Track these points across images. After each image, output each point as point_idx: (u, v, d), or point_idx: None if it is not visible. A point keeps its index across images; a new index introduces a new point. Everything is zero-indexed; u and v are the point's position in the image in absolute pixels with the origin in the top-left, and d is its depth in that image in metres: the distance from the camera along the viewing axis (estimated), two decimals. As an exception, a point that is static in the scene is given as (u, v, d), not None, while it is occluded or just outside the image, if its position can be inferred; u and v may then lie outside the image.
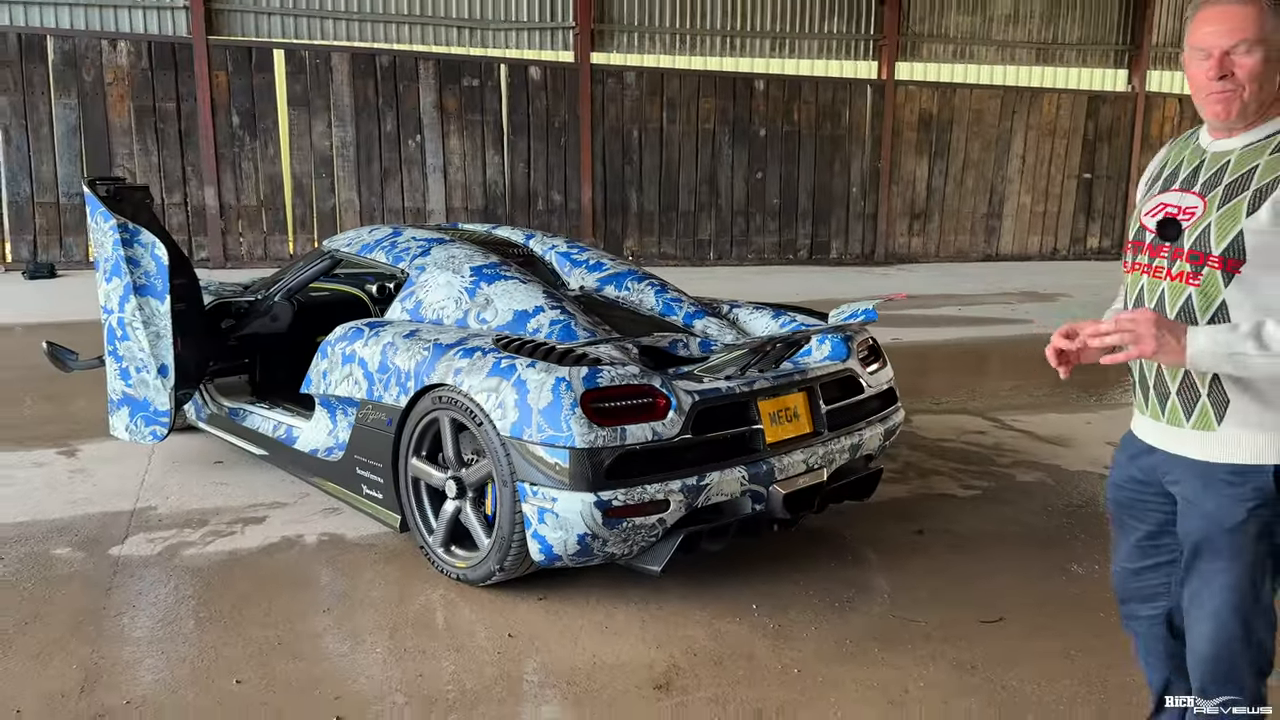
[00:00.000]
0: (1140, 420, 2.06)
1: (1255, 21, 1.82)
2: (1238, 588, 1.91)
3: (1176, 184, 1.97)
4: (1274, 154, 1.84)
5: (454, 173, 12.74)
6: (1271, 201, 1.80)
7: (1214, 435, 1.88)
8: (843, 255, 14.90)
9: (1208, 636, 1.95)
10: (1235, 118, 1.88)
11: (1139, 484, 2.07)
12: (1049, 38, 15.23)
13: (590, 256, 4.56)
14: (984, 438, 5.49)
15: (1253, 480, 1.86)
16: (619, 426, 3.09)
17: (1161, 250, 1.93)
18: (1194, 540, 1.94)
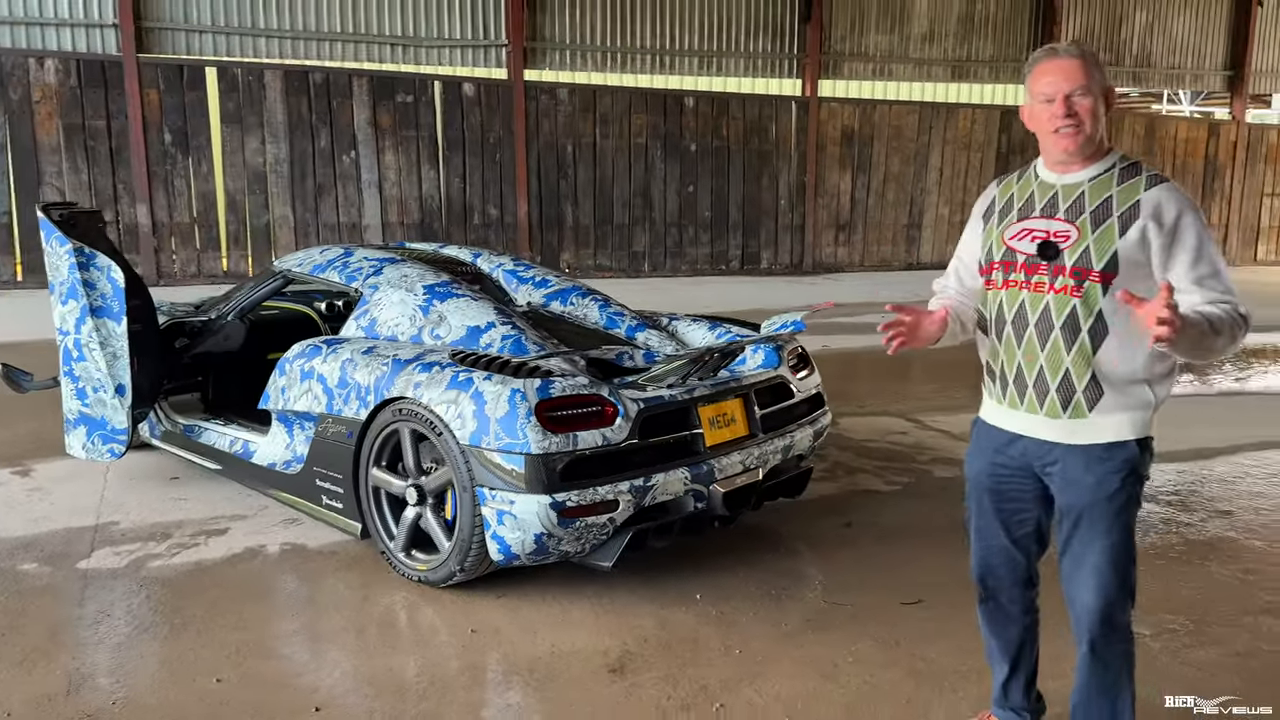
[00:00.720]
0: (1007, 415, 2.38)
1: (1084, 72, 2.22)
2: (1116, 545, 2.27)
3: (1036, 212, 2.30)
4: (1120, 185, 2.23)
5: (389, 188, 12.84)
6: (1137, 226, 2.18)
7: (1086, 422, 2.25)
8: (773, 265, 15.33)
9: (1094, 589, 2.29)
10: (1078, 150, 2.24)
11: (1009, 469, 2.40)
12: (963, 55, 15.90)
13: (536, 274, 4.80)
14: (905, 438, 5.86)
15: (1122, 454, 2.25)
16: (571, 433, 3.34)
17: (1040, 268, 2.26)
18: (1077, 511, 2.28)
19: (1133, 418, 2.25)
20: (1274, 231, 18.95)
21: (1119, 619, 2.31)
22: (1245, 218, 18.55)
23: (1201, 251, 2.18)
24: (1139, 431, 2.25)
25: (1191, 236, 2.18)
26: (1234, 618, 3.47)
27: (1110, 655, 2.33)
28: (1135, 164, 2.27)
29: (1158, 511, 4.57)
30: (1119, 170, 2.25)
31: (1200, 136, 18.06)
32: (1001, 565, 2.50)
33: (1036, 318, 2.27)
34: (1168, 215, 2.18)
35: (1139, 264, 2.19)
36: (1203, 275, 2.18)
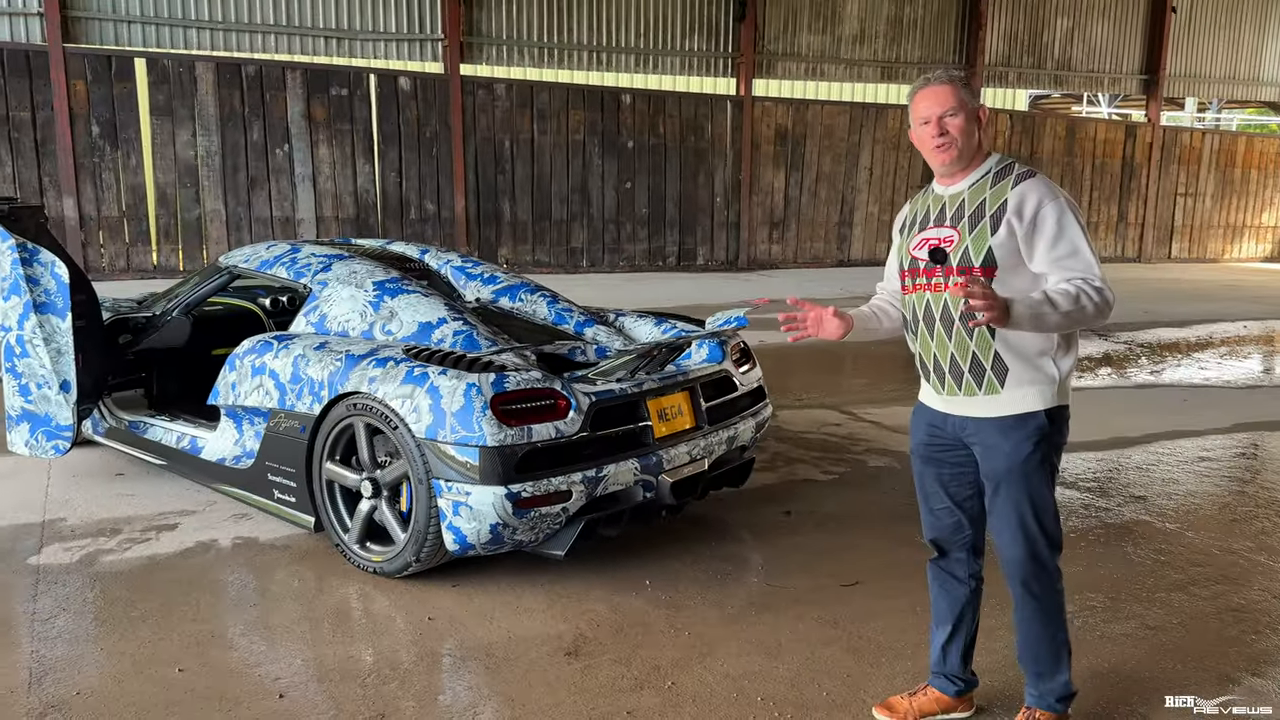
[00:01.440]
0: (935, 397, 2.69)
1: (955, 96, 2.53)
2: (1035, 500, 2.56)
3: (930, 224, 2.62)
4: (993, 188, 2.52)
5: (324, 181, 12.72)
6: (1005, 222, 2.47)
7: (1000, 397, 2.54)
8: (709, 262, 15.55)
9: (1019, 542, 2.59)
10: (953, 162, 2.56)
11: (941, 443, 2.71)
12: (893, 57, 16.31)
13: (484, 270, 4.88)
14: (840, 429, 6.08)
15: (1032, 422, 2.53)
16: (525, 426, 3.44)
17: (935, 272, 2.57)
18: (998, 475, 2.58)
19: (1040, 390, 2.53)
20: (1188, 230, 19.78)
21: (1046, 561, 2.61)
22: (1160, 216, 19.33)
23: (1060, 234, 2.44)
24: (1047, 402, 2.53)
25: (1050, 222, 2.44)
26: (1147, 595, 3.72)
27: (1044, 591, 2.62)
28: (1008, 165, 2.56)
29: (1078, 497, 4.84)
30: (993, 174, 2.54)
31: (1118, 138, 18.77)
32: (948, 527, 2.78)
33: (940, 314, 2.58)
34: (1028, 207, 2.45)
35: (1013, 254, 2.47)
36: (1060, 255, 2.44)
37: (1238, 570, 3.98)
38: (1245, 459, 5.66)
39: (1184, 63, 18.99)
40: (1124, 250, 19.10)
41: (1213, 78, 19.54)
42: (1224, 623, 3.50)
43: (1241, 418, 6.60)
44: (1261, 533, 4.42)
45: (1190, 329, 10.56)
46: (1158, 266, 18.72)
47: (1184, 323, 10.96)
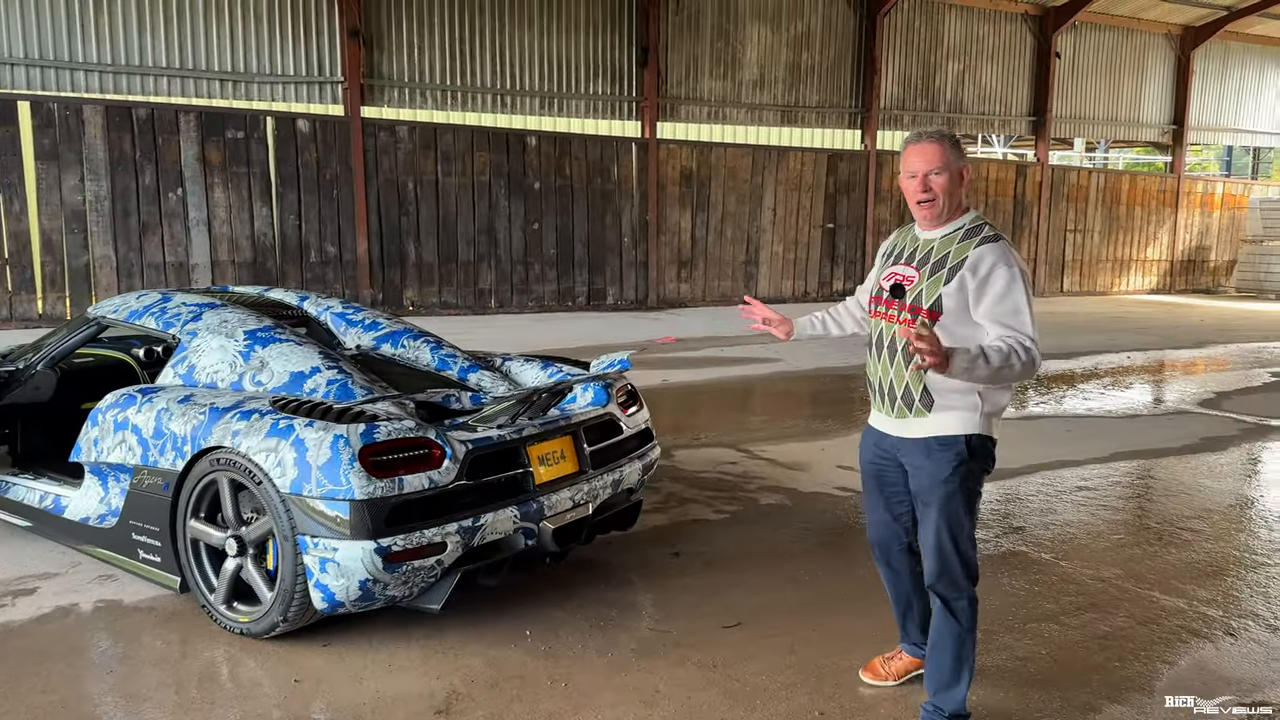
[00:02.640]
0: (880, 419, 2.99)
1: (941, 155, 2.78)
2: (952, 519, 2.82)
3: (903, 260, 2.92)
4: (958, 244, 2.80)
5: (219, 226, 12.43)
6: (959, 276, 2.74)
7: (926, 420, 2.82)
8: (619, 301, 15.61)
9: (935, 555, 2.85)
10: (934, 218, 2.83)
11: (883, 459, 3.00)
12: (792, 101, 16.73)
13: (366, 316, 4.80)
14: (735, 467, 6.11)
15: (954, 446, 2.80)
16: (396, 477, 3.37)
17: (894, 304, 2.87)
18: (923, 493, 2.86)
19: (961, 418, 2.79)
20: (1078, 265, 20.62)
21: (958, 580, 2.85)
22: (1051, 252, 20.12)
23: (1006, 295, 2.69)
24: (967, 429, 2.79)
25: (999, 283, 2.70)
26: (1019, 626, 3.80)
27: (955, 608, 2.87)
28: (980, 226, 2.82)
29: (959, 529, 4.94)
30: (964, 231, 2.82)
31: (1009, 177, 19.53)
32: (888, 536, 3.10)
33: (888, 341, 2.90)
34: (983, 267, 2.72)
35: (961, 305, 2.74)
36: (1002, 314, 2.69)
37: (1106, 598, 4.10)
38: (1120, 487, 5.86)
39: (1069, 105, 19.90)
40: (1019, 285, 19.79)
41: (1097, 119, 20.51)
42: (1090, 650, 3.59)
43: (1120, 447, 6.84)
44: (1131, 560, 4.57)
45: (1077, 360, 10.97)
46: (1051, 300, 19.44)
47: (1072, 354, 11.37)
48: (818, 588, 4.17)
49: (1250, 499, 5.68)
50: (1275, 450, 6.88)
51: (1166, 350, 12.12)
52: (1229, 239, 22.87)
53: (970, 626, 2.88)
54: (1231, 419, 7.89)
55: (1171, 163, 22.21)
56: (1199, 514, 5.32)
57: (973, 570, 2.87)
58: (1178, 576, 4.36)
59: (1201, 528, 5.08)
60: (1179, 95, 21.28)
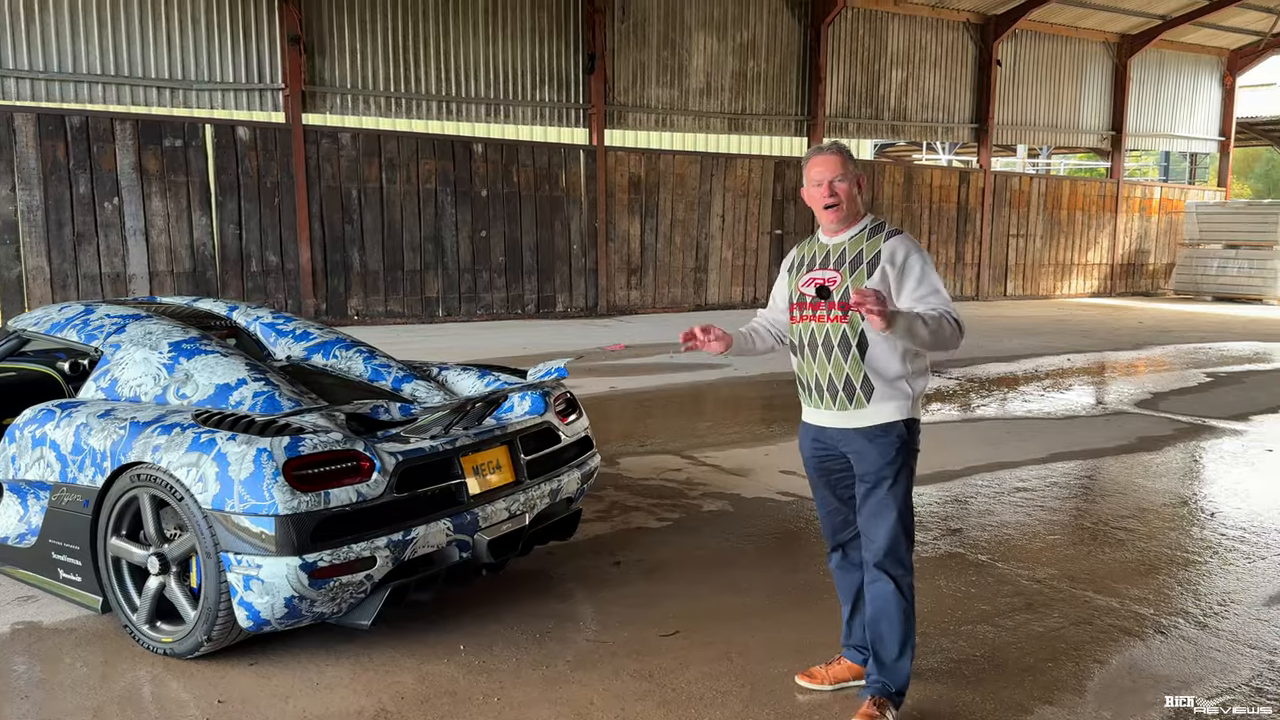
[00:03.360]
0: (816, 414, 3.16)
1: (841, 164, 3.08)
2: (898, 497, 3.04)
3: (817, 266, 3.14)
4: (868, 241, 3.08)
5: (157, 235, 12.18)
6: (879, 269, 3.01)
7: (866, 410, 3.04)
8: (568, 309, 15.56)
9: (885, 534, 3.04)
10: (840, 220, 3.10)
11: (824, 451, 3.18)
12: (739, 109, 16.82)
13: (296, 326, 4.71)
14: (679, 474, 6.09)
15: (894, 431, 3.04)
16: (322, 491, 3.29)
17: (820, 305, 3.09)
18: (869, 478, 3.05)
19: (898, 405, 3.04)
20: (1020, 269, 20.97)
21: (903, 554, 3.07)
22: (994, 256, 20.44)
23: (922, 278, 3.01)
24: (904, 414, 3.04)
25: (915, 269, 3.01)
26: (955, 628, 3.82)
27: (899, 579, 3.05)
28: (880, 224, 3.12)
29: (899, 533, 4.96)
30: (868, 230, 3.10)
31: (953, 184, 19.81)
32: (841, 523, 3.24)
33: (822, 340, 3.09)
34: (899, 257, 3.02)
35: (885, 295, 2.95)
36: (923, 294, 2.99)
37: (1041, 599, 4.14)
38: (1058, 488, 5.94)
39: (1011, 112, 20.25)
40: (963, 289, 20.08)
41: (1038, 125, 20.89)
42: (1024, 652, 3.62)
43: (1059, 448, 6.94)
44: (1066, 560, 4.62)
45: (1018, 363, 11.13)
46: (994, 304, 19.74)
47: (1013, 357, 11.54)
48: (757, 594, 4.16)
49: (1184, 497, 5.79)
50: (1209, 449, 7.02)
51: (1106, 352, 12.35)
52: (1167, 243, 23.42)
53: (911, 599, 3.09)
54: (1168, 419, 8.05)
55: (1111, 168, 22.70)
56: (1134, 513, 5.40)
57: (913, 539, 3.12)
58: (1111, 576, 4.42)
59: (1136, 526, 5.16)
60: (1117, 102, 21.76)
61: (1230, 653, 3.63)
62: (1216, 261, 21.16)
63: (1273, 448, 7.00)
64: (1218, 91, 23.73)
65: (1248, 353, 12.40)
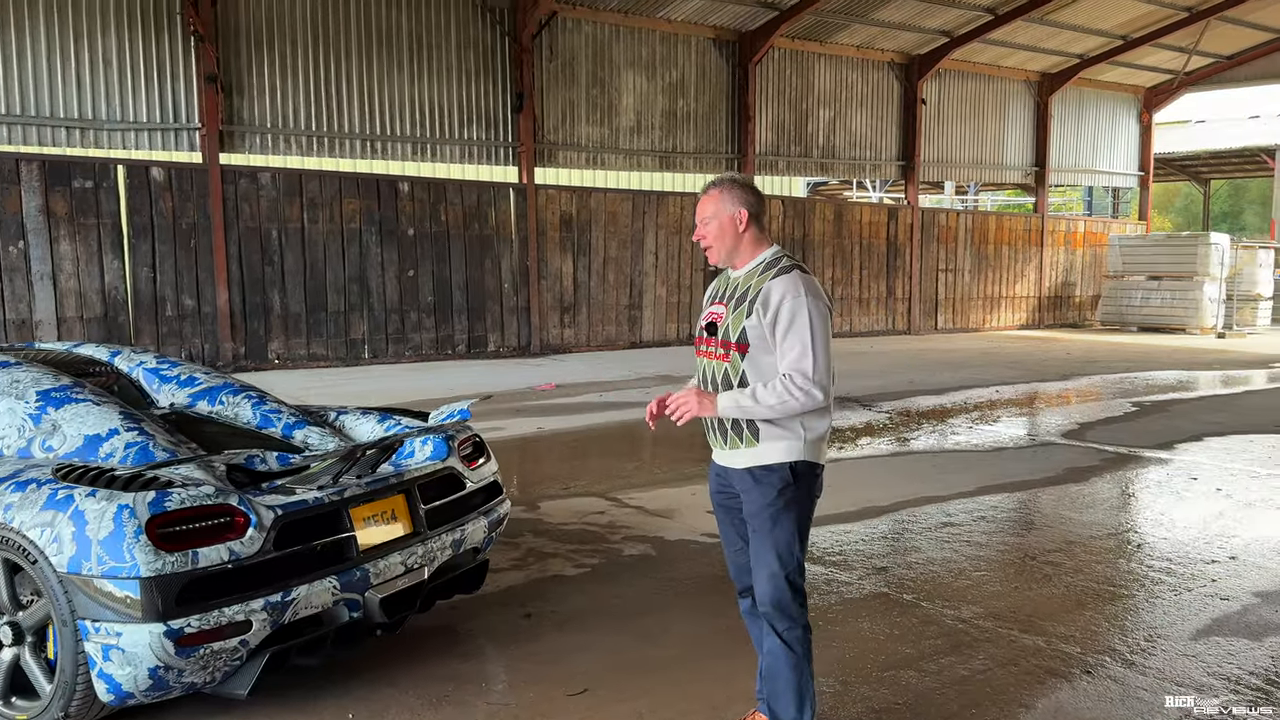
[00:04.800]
0: (717, 453, 3.04)
1: (713, 202, 2.96)
2: (779, 542, 2.85)
3: (718, 298, 3.03)
4: (758, 278, 2.91)
5: (66, 280, 11.68)
6: (755, 310, 2.85)
7: (756, 449, 2.88)
8: (500, 348, 15.30)
9: (765, 581, 2.87)
10: (721, 262, 3.00)
11: (724, 491, 3.05)
12: (669, 147, 16.83)
13: (181, 371, 4.43)
14: (602, 517, 5.88)
15: (779, 472, 2.86)
16: (190, 550, 3.03)
17: (711, 341, 2.96)
18: (752, 518, 2.90)
19: (788, 445, 2.85)
20: (949, 303, 21.23)
21: (788, 607, 2.86)
22: (924, 291, 20.68)
23: (790, 329, 2.81)
24: (792, 456, 2.85)
25: (784, 317, 2.81)
26: (877, 675, 3.65)
27: (786, 634, 2.87)
28: (777, 259, 2.93)
29: (821, 572, 4.81)
30: (762, 266, 2.93)
31: (882, 220, 20.04)
32: (744, 566, 3.05)
33: (709, 377, 2.97)
34: (773, 300, 2.83)
35: (761, 337, 2.85)
36: (785, 349, 2.82)
37: (967, 639, 4.00)
38: (985, 522, 5.84)
39: (937, 149, 20.60)
40: (894, 324, 20.25)
41: (963, 163, 21.28)
42: (948, 697, 3.46)
43: (986, 480, 6.87)
44: (992, 597, 4.50)
45: (948, 395, 11.15)
46: (926, 338, 19.93)
47: (943, 390, 11.56)
48: (674, 646, 3.95)
49: (1110, 529, 5.73)
50: (1135, 479, 7.01)
51: (1034, 383, 12.45)
52: (1093, 275, 23.94)
53: (806, 655, 2.91)
54: (1094, 449, 8.05)
55: (1036, 203, 23.19)
56: (1061, 547, 5.32)
57: (800, 593, 2.90)
58: (1038, 613, 4.30)
59: (1062, 560, 5.07)
60: (1040, 139, 22.29)
61: (1156, 691, 3.51)
62: (1140, 293, 21.66)
63: (1197, 476, 7.02)
64: (1136, 128, 24.46)
65: (1172, 381, 12.60)
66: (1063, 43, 20.53)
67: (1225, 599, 4.49)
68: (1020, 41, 19.98)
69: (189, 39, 12.28)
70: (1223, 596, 4.52)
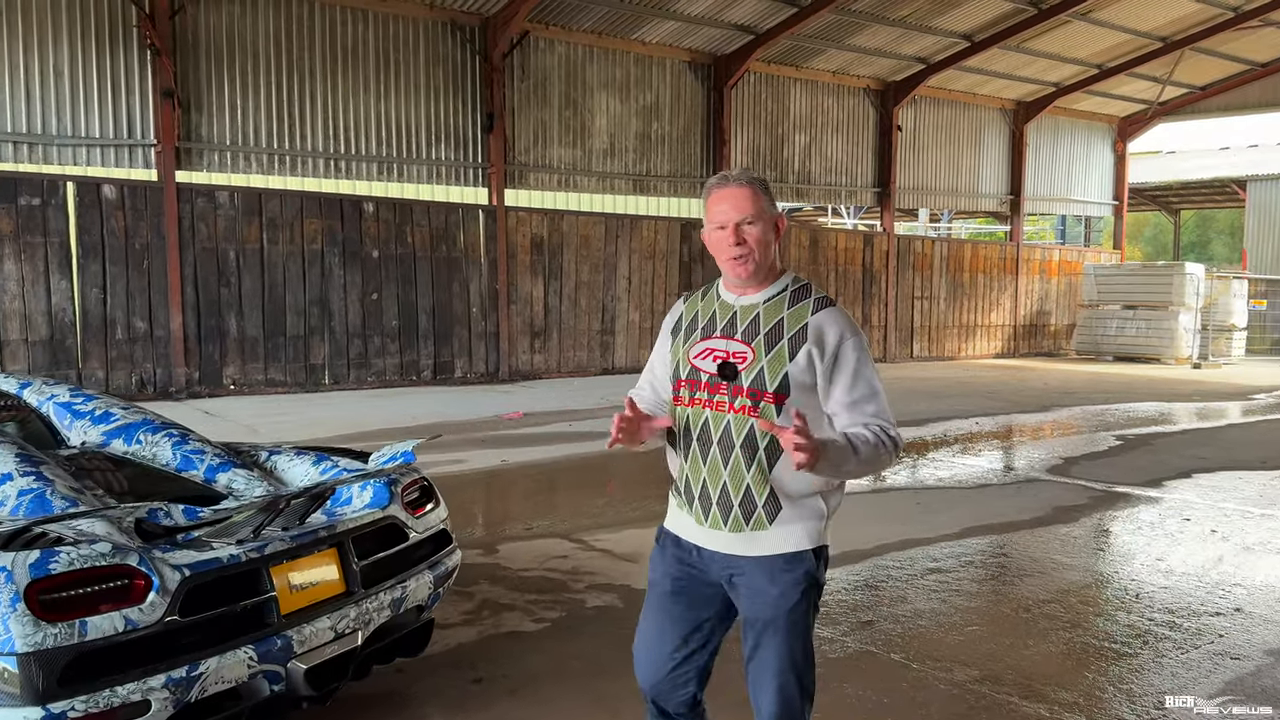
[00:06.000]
0: (696, 528, 2.39)
1: (753, 199, 2.32)
2: (796, 651, 2.32)
3: (717, 332, 2.38)
4: (791, 308, 2.33)
5: (10, 301, 11.14)
6: (804, 350, 2.28)
7: (768, 533, 2.30)
8: (467, 374, 14.86)
9: (775, 697, 2.32)
10: (750, 276, 2.35)
11: (691, 579, 2.42)
12: (643, 170, 16.53)
13: (96, 406, 4.00)
14: (565, 562, 5.47)
15: (803, 563, 2.30)
16: (77, 620, 2.61)
17: (721, 388, 2.32)
18: (763, 622, 2.31)
19: (808, 528, 2.32)
20: (925, 330, 21.04)
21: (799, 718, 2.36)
22: (900, 318, 20.47)
23: (858, 374, 2.29)
24: (815, 541, 2.33)
25: (851, 359, 2.30)
26: (865, 750, 3.27)
27: None
28: (805, 286, 2.40)
29: (803, 629, 4.42)
30: (790, 293, 2.37)
31: (857, 246, 19.84)
32: (672, 679, 2.46)
33: (719, 436, 2.33)
34: (830, 339, 2.29)
35: (807, 386, 2.29)
36: (858, 398, 2.29)
37: (963, 707, 3.63)
38: (973, 567, 5.49)
39: (912, 176, 20.46)
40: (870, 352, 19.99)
41: (939, 190, 21.16)
42: (945, 782, 3.08)
43: (972, 520, 6.53)
44: (987, 656, 4.14)
45: (927, 427, 10.84)
46: (902, 366, 19.70)
47: (921, 421, 11.25)
48: (637, 714, 3.54)
49: (1105, 576, 5.39)
50: (1124, 519, 6.70)
51: (1014, 414, 12.18)
52: (1067, 304, 23.87)
53: None
54: (1080, 486, 7.75)
55: (1010, 231, 23.12)
56: (1055, 596, 4.98)
57: (812, 699, 2.42)
58: (1037, 675, 3.94)
59: (1058, 612, 4.73)
60: (1015, 167, 22.24)
61: (1176, 774, 3.16)
62: (1115, 322, 21.58)
63: (1189, 516, 6.72)
64: (1110, 157, 24.50)
65: (1153, 414, 12.37)
66: (1038, 71, 20.51)
67: (1236, 658, 4.15)
68: (996, 69, 19.93)
69: (145, 53, 11.83)
70: (1233, 655, 4.18)
